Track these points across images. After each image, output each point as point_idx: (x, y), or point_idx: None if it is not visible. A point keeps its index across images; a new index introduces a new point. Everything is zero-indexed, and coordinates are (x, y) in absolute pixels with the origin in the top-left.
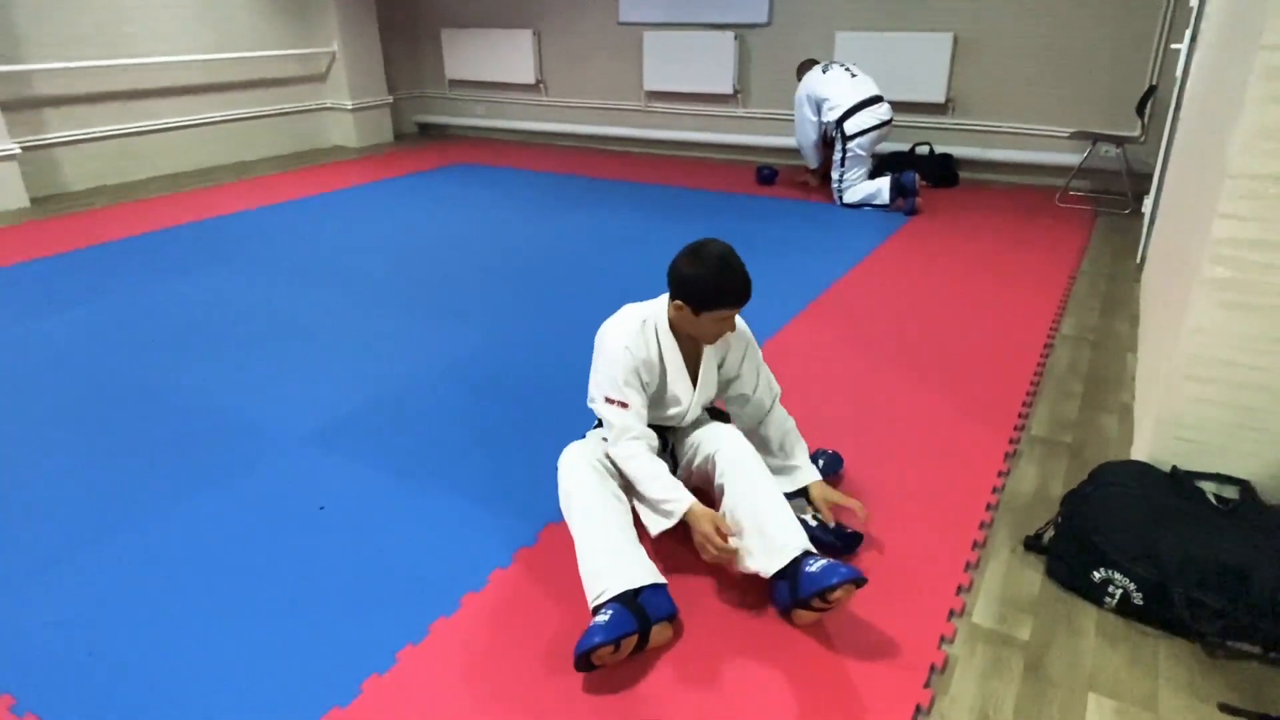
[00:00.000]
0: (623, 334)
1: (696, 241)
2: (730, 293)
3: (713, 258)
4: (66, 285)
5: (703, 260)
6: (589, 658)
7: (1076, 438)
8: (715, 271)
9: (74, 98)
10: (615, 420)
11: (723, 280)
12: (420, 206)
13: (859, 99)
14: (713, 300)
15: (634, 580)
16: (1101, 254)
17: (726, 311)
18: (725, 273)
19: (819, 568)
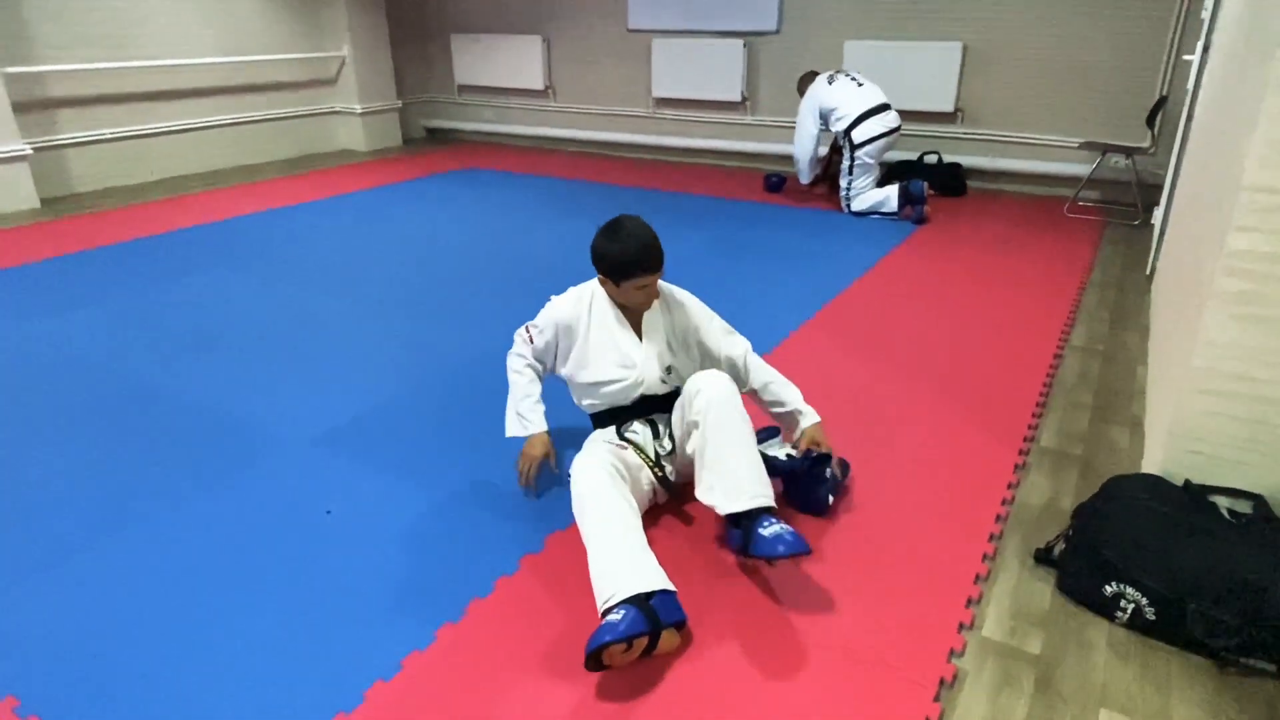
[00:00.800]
0: (560, 297)
1: (612, 219)
2: (641, 263)
3: (623, 232)
4: (75, 285)
5: (614, 236)
6: (600, 656)
7: (1087, 450)
8: (625, 245)
9: (85, 99)
10: (518, 342)
11: (633, 252)
12: (428, 211)
13: (867, 107)
14: (627, 271)
15: (646, 584)
16: (1111, 265)
17: (642, 279)
18: (634, 245)
19: (771, 533)
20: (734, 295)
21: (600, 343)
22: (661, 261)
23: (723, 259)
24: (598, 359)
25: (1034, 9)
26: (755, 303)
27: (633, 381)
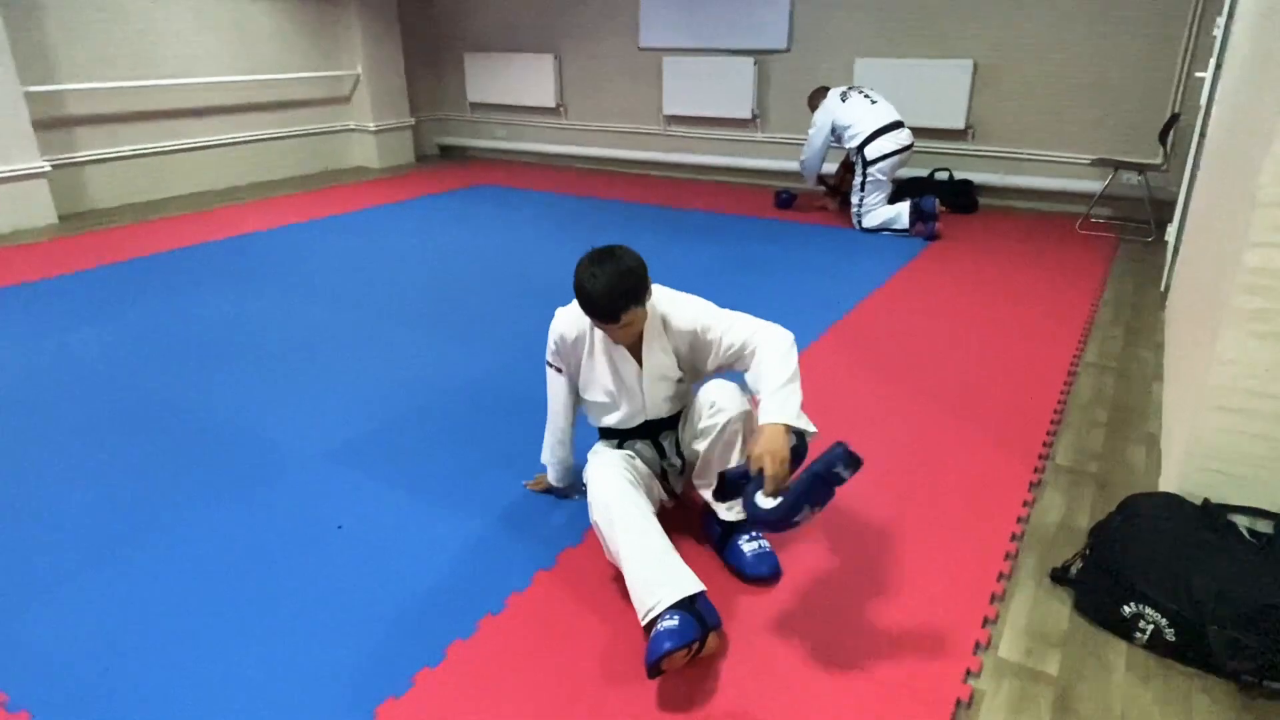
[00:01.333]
0: (563, 310)
1: (596, 250)
2: (593, 315)
3: (585, 274)
4: (91, 301)
5: (580, 273)
6: (661, 664)
7: (1102, 468)
8: (582, 290)
9: (104, 117)
10: (550, 383)
11: (585, 302)
12: (440, 227)
13: (880, 124)
14: (588, 314)
15: (689, 588)
16: (1124, 282)
17: (603, 325)
18: (586, 295)
19: (751, 552)
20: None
21: (601, 366)
22: (615, 315)
23: (734, 275)
24: (600, 382)
25: (1045, 27)
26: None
27: (632, 411)
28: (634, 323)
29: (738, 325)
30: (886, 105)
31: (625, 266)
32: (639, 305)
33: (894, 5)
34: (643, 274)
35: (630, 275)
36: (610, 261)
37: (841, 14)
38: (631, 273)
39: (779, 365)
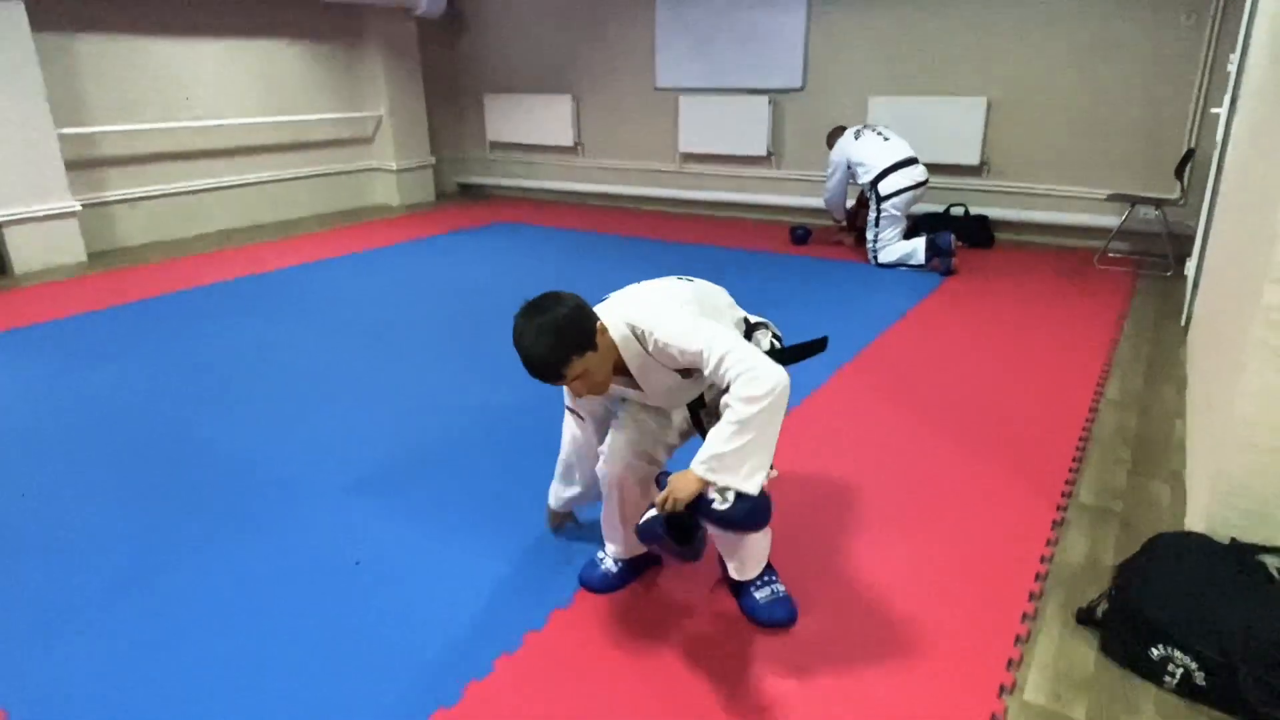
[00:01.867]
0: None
1: (531, 303)
2: (531, 374)
3: (515, 332)
4: (117, 337)
5: (514, 327)
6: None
7: (1127, 506)
8: (519, 348)
9: (133, 158)
10: (566, 428)
11: (522, 361)
12: (459, 263)
13: (893, 160)
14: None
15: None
16: (1144, 317)
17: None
18: (520, 354)
19: (764, 599)
20: None
21: (614, 403)
22: (557, 375)
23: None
24: (627, 418)
25: (1057, 65)
26: None
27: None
28: (587, 373)
29: (720, 354)
30: (900, 142)
31: (551, 319)
32: (578, 355)
33: (906, 45)
34: (577, 321)
35: (559, 325)
36: (537, 315)
37: (855, 53)
38: (560, 322)
39: (730, 420)
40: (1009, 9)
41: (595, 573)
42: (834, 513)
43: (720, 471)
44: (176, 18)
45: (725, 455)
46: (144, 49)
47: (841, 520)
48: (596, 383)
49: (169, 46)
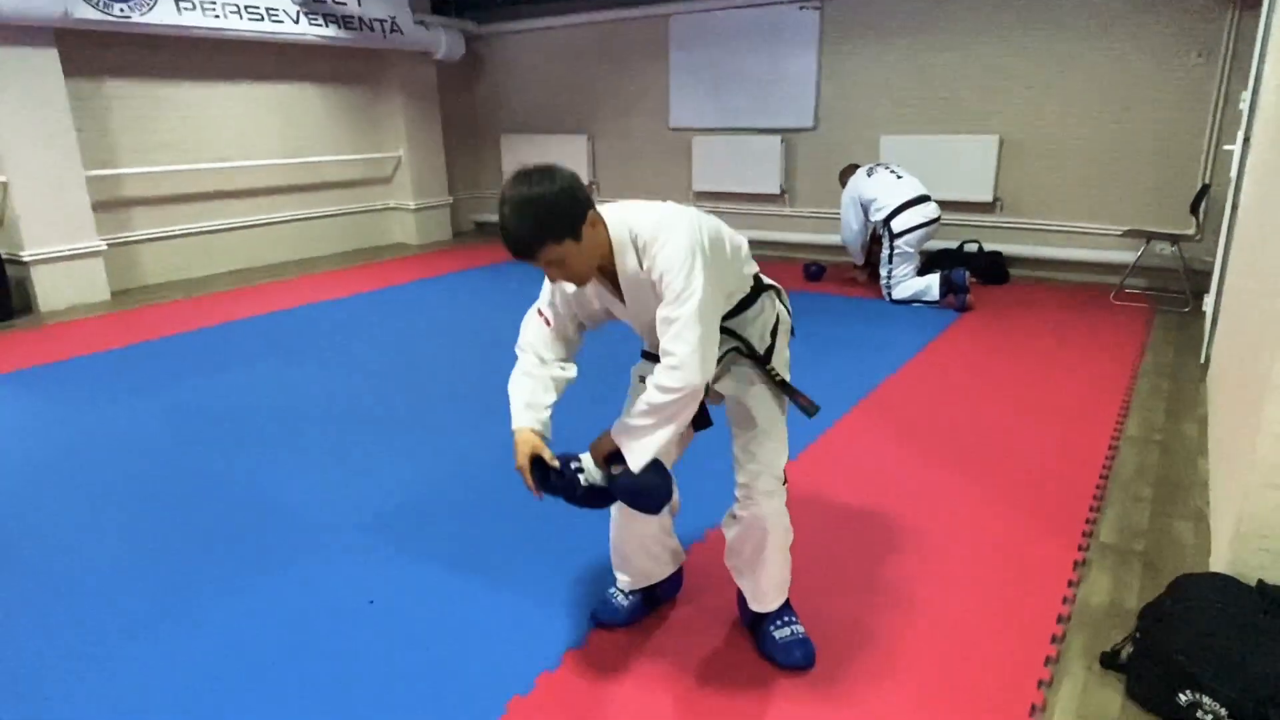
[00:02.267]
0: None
1: (527, 171)
2: (507, 249)
3: (501, 199)
4: (137, 375)
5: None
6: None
7: (1150, 546)
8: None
9: (157, 199)
10: (526, 329)
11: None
12: (475, 301)
13: (906, 198)
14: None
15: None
16: (1163, 353)
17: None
18: (501, 223)
19: (782, 640)
20: None
21: (589, 298)
22: (529, 253)
23: None
24: (596, 314)
25: (1069, 102)
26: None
27: (644, 339)
28: (565, 262)
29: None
30: (912, 180)
31: (536, 195)
32: (557, 242)
33: (917, 84)
34: (562, 205)
35: (540, 205)
36: (524, 186)
37: (865, 93)
38: (542, 202)
39: (646, 400)
40: (1018, 48)
41: (608, 608)
42: (852, 550)
43: (622, 436)
44: (203, 63)
45: (631, 427)
46: (171, 93)
47: (859, 559)
48: (574, 273)
49: (195, 90)
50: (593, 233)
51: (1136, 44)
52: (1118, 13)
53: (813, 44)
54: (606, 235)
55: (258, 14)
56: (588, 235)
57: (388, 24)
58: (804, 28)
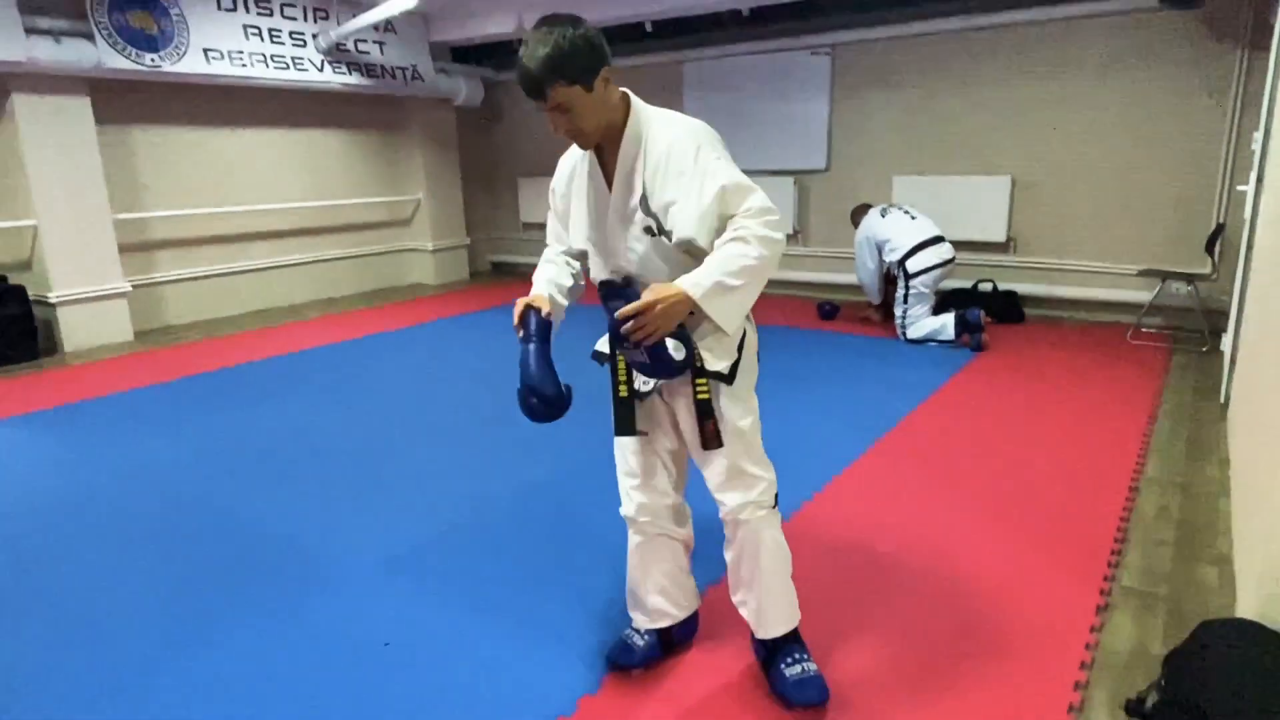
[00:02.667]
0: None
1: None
2: (520, 84)
3: (526, 37)
4: (160, 414)
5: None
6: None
7: (1173, 590)
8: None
9: (182, 241)
10: (549, 227)
11: (517, 67)
12: (491, 341)
13: (920, 239)
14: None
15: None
16: (1181, 393)
17: (533, 99)
18: (520, 58)
19: (794, 678)
20: (793, 423)
21: (579, 197)
22: (539, 87)
23: (780, 386)
24: (581, 220)
25: (1080, 144)
26: (814, 431)
27: (613, 263)
28: (572, 111)
29: (729, 191)
30: (926, 220)
31: (556, 36)
32: (568, 83)
33: (928, 126)
34: (579, 45)
35: (558, 43)
36: (546, 25)
37: (877, 134)
38: (560, 40)
39: (739, 254)
40: (1028, 90)
41: (623, 650)
42: (869, 591)
43: (713, 299)
44: (228, 109)
45: (727, 286)
46: (197, 138)
47: (877, 599)
48: (579, 127)
49: (220, 136)
50: (604, 91)
51: (1147, 85)
52: (1126, 54)
53: (824, 88)
54: (622, 101)
55: (284, 63)
56: (599, 90)
57: (409, 71)
58: (815, 73)
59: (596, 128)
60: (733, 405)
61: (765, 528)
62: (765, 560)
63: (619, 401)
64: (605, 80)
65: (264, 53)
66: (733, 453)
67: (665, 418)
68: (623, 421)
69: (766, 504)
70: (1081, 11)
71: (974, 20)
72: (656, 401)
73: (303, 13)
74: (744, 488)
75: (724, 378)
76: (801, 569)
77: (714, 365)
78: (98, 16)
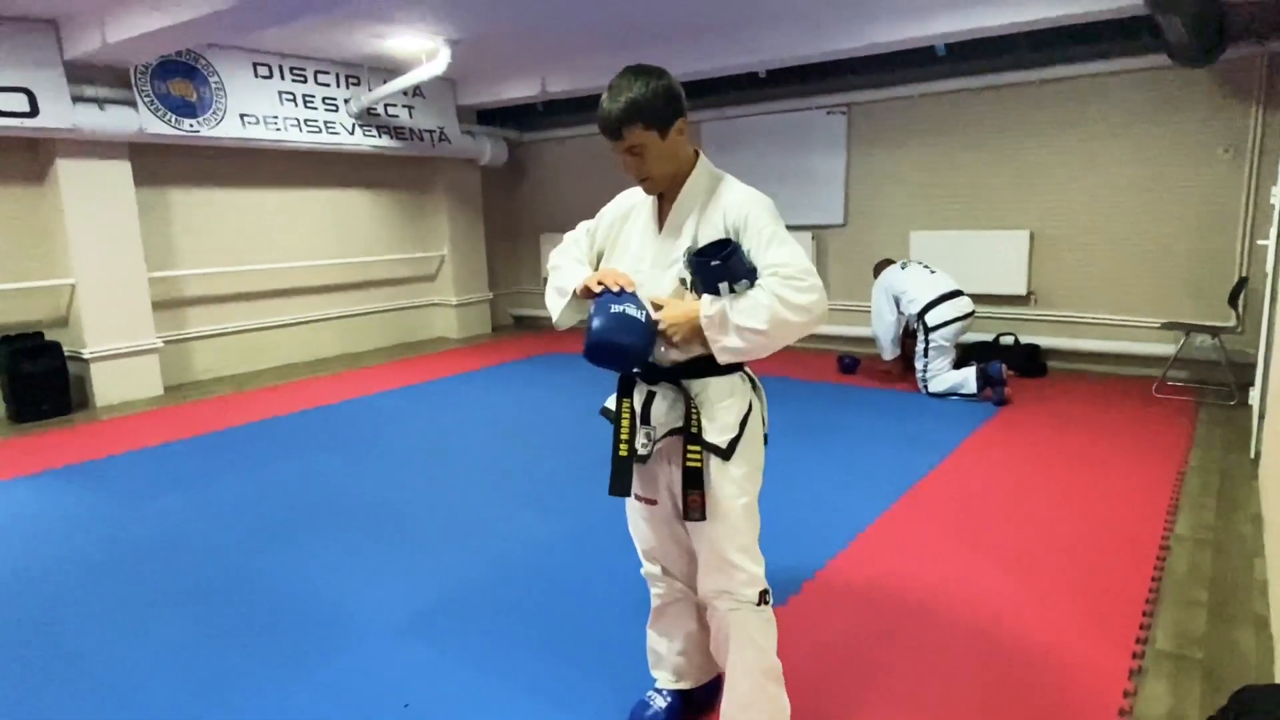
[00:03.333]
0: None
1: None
2: (599, 124)
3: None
4: (185, 469)
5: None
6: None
7: (1209, 654)
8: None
9: (212, 298)
10: (566, 238)
11: (600, 105)
12: (513, 394)
13: (939, 293)
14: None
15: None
16: (1210, 447)
17: (608, 140)
18: (604, 96)
19: None
20: (814, 479)
21: (630, 231)
22: (617, 127)
23: (801, 440)
24: (620, 253)
25: (1098, 199)
26: (836, 487)
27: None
28: (645, 154)
29: (787, 243)
30: (944, 275)
31: (641, 82)
32: (644, 127)
33: (945, 181)
34: (663, 97)
35: (646, 88)
36: (634, 73)
37: (894, 190)
38: (645, 86)
39: (765, 304)
40: (1046, 145)
41: (643, 707)
42: (893, 654)
43: (718, 330)
44: (261, 170)
45: (739, 327)
46: (229, 198)
47: (900, 662)
48: (649, 169)
49: (252, 196)
50: (678, 140)
51: (1164, 140)
52: (1143, 109)
53: (841, 145)
54: (691, 154)
55: (316, 126)
56: (673, 139)
57: (437, 134)
58: (832, 130)
59: (664, 174)
60: (724, 482)
61: (739, 625)
62: (734, 656)
63: (617, 460)
64: (680, 131)
65: (298, 117)
66: (716, 534)
67: (664, 484)
68: (618, 480)
69: (746, 600)
70: (1096, 70)
71: (988, 79)
72: (657, 469)
73: (335, 79)
74: (723, 576)
75: (720, 452)
76: (825, 630)
77: (712, 437)
78: (141, 85)
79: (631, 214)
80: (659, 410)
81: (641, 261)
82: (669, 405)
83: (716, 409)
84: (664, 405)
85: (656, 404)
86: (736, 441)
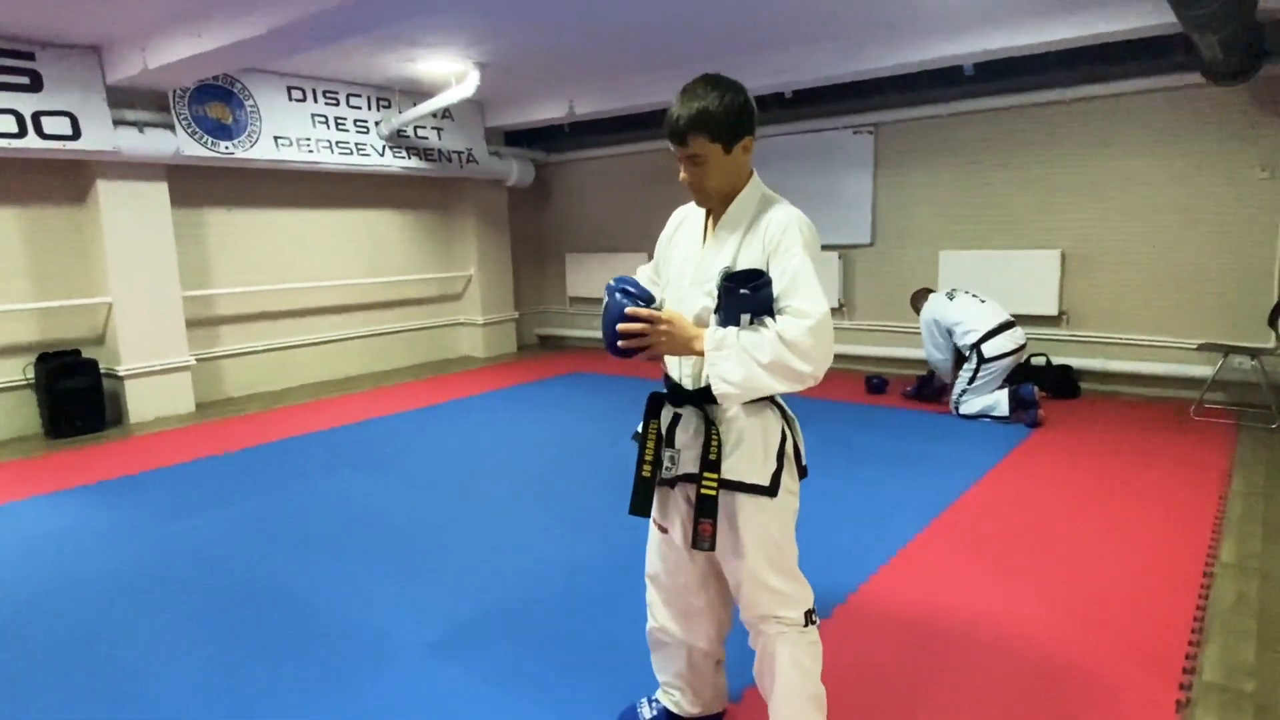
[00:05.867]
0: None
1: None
2: (666, 127)
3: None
4: (216, 486)
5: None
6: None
7: (1260, 686)
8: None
9: (244, 316)
10: (640, 271)
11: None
12: (540, 413)
13: (995, 323)
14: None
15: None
16: (1253, 472)
17: (673, 148)
18: (674, 102)
19: None
20: (844, 502)
21: (677, 244)
22: (682, 133)
23: (831, 462)
24: (673, 261)
25: (1132, 216)
26: (866, 511)
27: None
28: (706, 165)
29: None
30: (995, 305)
31: (716, 93)
32: (710, 138)
33: (974, 201)
34: (735, 113)
35: (718, 99)
36: (709, 82)
37: (922, 210)
38: (721, 99)
39: (767, 341)
40: (1076, 164)
41: (629, 714)
42: (929, 683)
43: (719, 354)
44: (293, 192)
45: (736, 352)
46: (262, 219)
47: (938, 694)
48: (707, 180)
49: (284, 216)
50: (742, 158)
51: (1197, 158)
52: (1176, 128)
53: (868, 165)
54: (749, 173)
55: (348, 148)
56: (736, 154)
57: (465, 155)
58: (859, 150)
59: (719, 188)
60: (760, 511)
61: (784, 645)
62: (780, 680)
63: (639, 479)
64: (745, 149)
65: (330, 139)
66: (755, 563)
67: (678, 518)
68: (639, 499)
69: (793, 622)
70: (1127, 88)
71: (1017, 99)
72: (675, 499)
73: (367, 102)
74: (764, 602)
75: (765, 491)
76: (858, 656)
77: (752, 479)
78: (179, 108)
79: (684, 224)
80: (684, 435)
81: (683, 279)
82: (693, 432)
83: (746, 442)
84: (689, 431)
85: (681, 427)
86: (779, 475)
